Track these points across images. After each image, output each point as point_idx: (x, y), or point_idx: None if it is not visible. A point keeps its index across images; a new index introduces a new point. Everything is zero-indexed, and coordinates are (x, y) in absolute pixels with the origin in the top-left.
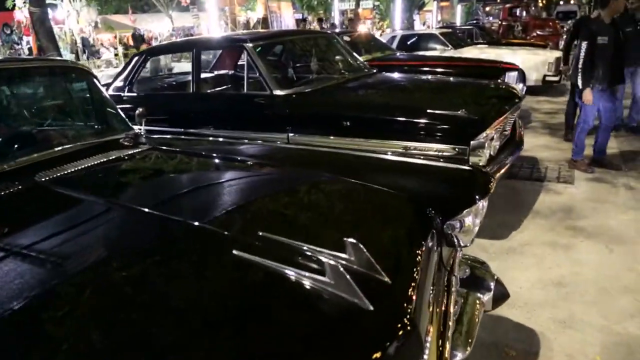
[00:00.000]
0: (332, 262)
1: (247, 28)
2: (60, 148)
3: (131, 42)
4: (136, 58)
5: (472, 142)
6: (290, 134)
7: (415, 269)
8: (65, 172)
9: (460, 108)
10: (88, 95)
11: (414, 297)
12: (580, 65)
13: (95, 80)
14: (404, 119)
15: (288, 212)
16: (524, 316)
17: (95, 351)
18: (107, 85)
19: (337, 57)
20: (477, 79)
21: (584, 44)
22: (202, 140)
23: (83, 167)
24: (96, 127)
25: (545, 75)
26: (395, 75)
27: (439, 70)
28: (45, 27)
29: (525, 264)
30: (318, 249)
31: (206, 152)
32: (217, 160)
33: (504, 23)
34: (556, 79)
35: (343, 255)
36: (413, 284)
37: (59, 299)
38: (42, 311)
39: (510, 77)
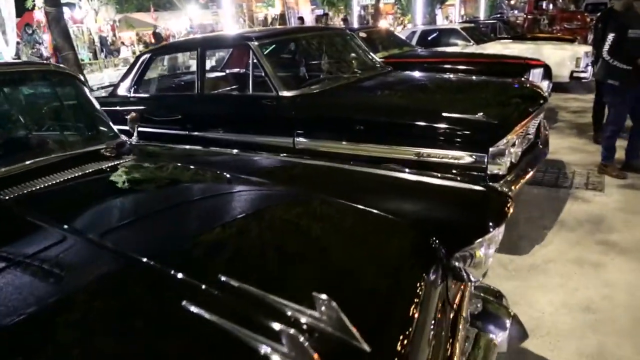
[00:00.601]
0: (291, 331)
1: (265, 25)
2: (33, 160)
3: (153, 40)
4: (142, 58)
5: (490, 149)
6: (296, 139)
7: (405, 330)
8: (33, 189)
9: (478, 111)
10: (73, 101)
11: None
12: (609, 60)
13: (81, 85)
14: (415, 122)
15: (262, 245)
16: (547, 348)
17: None
18: (113, 86)
19: (349, 55)
20: (499, 77)
21: (611, 37)
22: (196, 150)
23: (53, 182)
24: (79, 135)
25: (573, 72)
26: (411, 74)
27: (459, 67)
28: (60, 26)
29: (549, 284)
30: (285, 302)
31: (193, 164)
32: (200, 175)
33: (529, 16)
34: (585, 75)
35: (311, 313)
36: (402, 351)
37: None
38: None
39: (535, 74)
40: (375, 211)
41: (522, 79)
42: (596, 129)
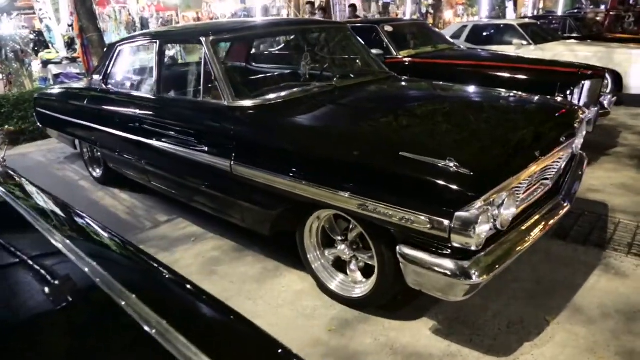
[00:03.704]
0: None
1: (312, 13)
2: None
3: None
4: (107, 49)
5: (457, 214)
6: (233, 163)
7: None
8: None
9: (450, 153)
10: None
11: None
12: None
13: None
14: (360, 162)
15: None
16: None
17: None
18: (84, 75)
19: (338, 57)
20: (536, 90)
21: None
22: None
23: None
24: None
25: None
26: (404, 85)
27: (494, 74)
28: (86, 7)
29: None
30: None
31: None
32: None
33: (611, 13)
34: None
35: None
36: None
37: None
38: None
39: (587, 86)
40: None
41: (557, 97)
42: None
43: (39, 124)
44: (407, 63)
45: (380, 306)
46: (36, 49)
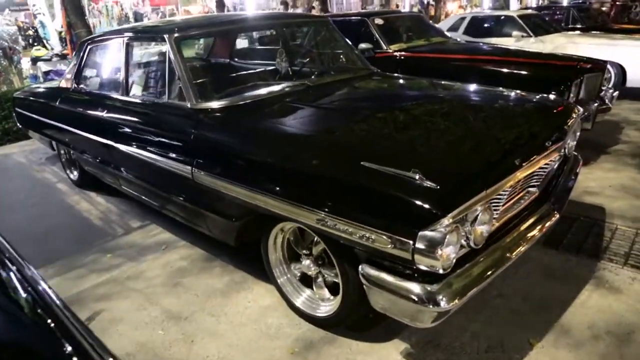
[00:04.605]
0: None
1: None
2: None
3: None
4: (78, 47)
5: (420, 233)
6: (195, 170)
7: None
8: None
9: (416, 163)
10: None
11: None
12: None
13: None
14: (318, 172)
15: None
16: None
17: None
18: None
19: (316, 52)
20: (532, 86)
21: None
22: None
23: None
24: None
25: None
26: (380, 82)
27: (487, 68)
28: (73, 3)
29: None
30: None
31: None
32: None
33: (617, 3)
34: None
35: None
36: None
37: None
38: None
39: (588, 80)
40: None
41: (552, 93)
42: None
43: (18, 124)
44: (397, 57)
45: (349, 326)
46: (35, 44)
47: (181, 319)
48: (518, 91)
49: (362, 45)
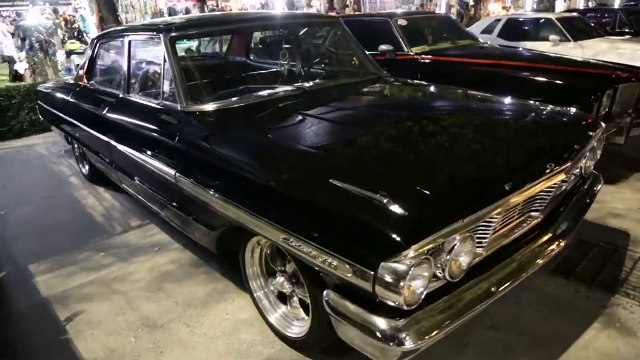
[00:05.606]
0: None
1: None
2: None
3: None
4: (90, 43)
5: (382, 264)
6: (178, 175)
7: None
8: None
9: (389, 183)
10: None
11: None
12: None
13: None
14: (286, 187)
15: None
16: None
17: None
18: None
19: (321, 54)
20: (559, 97)
21: None
22: None
23: None
24: None
25: None
26: (381, 90)
27: (512, 75)
28: None
29: None
30: None
31: None
32: None
33: None
34: None
35: None
36: None
37: None
38: None
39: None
40: None
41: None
42: None
43: (40, 116)
44: (418, 60)
45: (324, 349)
46: (80, 36)
47: (156, 327)
48: (530, 102)
49: (383, 47)
